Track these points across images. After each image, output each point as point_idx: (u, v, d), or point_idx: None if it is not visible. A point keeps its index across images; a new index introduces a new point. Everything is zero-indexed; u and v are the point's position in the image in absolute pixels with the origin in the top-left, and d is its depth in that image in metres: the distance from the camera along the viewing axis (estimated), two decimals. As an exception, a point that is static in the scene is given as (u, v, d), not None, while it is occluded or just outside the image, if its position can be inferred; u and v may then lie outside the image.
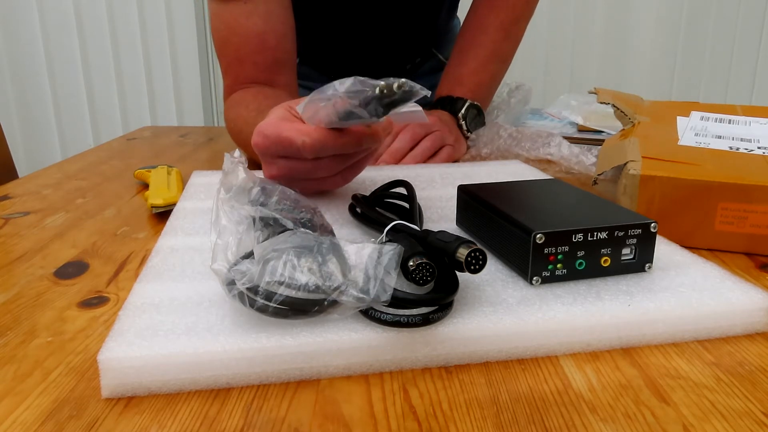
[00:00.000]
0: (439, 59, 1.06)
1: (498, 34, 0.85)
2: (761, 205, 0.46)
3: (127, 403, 0.30)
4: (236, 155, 0.41)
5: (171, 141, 0.94)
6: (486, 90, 0.86)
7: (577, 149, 0.74)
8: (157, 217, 0.57)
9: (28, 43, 1.99)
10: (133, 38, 1.98)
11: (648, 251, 0.39)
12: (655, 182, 0.48)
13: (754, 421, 0.28)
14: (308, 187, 0.52)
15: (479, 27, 0.85)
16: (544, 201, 0.43)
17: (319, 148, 0.47)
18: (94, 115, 2.06)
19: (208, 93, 2.06)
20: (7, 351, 0.34)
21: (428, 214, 0.51)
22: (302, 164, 0.50)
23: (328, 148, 0.47)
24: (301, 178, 0.51)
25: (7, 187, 0.69)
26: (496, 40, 0.85)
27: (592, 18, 1.90)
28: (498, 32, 0.85)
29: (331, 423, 0.28)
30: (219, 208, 0.37)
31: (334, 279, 0.31)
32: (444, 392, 0.30)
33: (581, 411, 0.29)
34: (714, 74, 1.92)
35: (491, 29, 0.85)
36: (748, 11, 1.86)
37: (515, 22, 0.86)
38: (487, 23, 0.85)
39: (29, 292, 0.42)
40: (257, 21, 0.73)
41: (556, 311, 0.34)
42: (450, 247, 0.34)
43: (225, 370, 0.30)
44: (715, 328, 0.35)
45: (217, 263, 0.33)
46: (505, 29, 0.85)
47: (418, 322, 0.31)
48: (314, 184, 0.53)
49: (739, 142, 0.55)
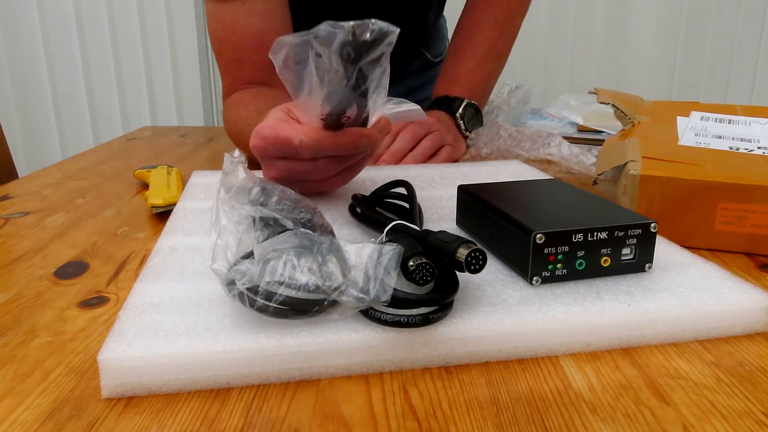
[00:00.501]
0: (426, 58, 1.06)
1: (493, 31, 0.85)
2: (761, 205, 0.46)
3: (127, 403, 0.30)
4: (236, 155, 0.41)
5: (171, 141, 0.94)
6: (483, 88, 0.86)
7: (577, 149, 0.74)
8: (157, 217, 0.57)
9: (28, 43, 1.99)
10: (133, 38, 1.98)
11: (648, 251, 0.39)
12: (655, 182, 0.48)
13: (754, 421, 0.28)
14: (308, 188, 0.52)
15: (474, 24, 0.85)
16: (544, 201, 0.43)
17: (316, 148, 0.47)
18: (94, 115, 2.06)
19: (208, 93, 2.06)
20: (7, 351, 0.34)
21: (428, 214, 0.51)
22: (301, 165, 0.50)
23: (324, 147, 0.47)
24: (301, 180, 0.51)
25: (7, 187, 0.69)
26: (491, 37, 0.85)
27: (592, 18, 1.90)
28: (493, 29, 0.85)
29: (331, 423, 0.28)
30: (219, 208, 0.37)
31: (334, 279, 0.31)
32: (444, 392, 0.30)
33: (581, 411, 0.29)
34: (714, 74, 1.92)
35: (486, 26, 0.85)
36: (748, 11, 1.86)
37: (510, 18, 0.86)
38: (482, 20, 0.85)
39: (29, 292, 0.42)
40: (255, 21, 0.73)
41: (556, 311, 0.34)
42: (450, 247, 0.34)
43: (225, 370, 0.30)
44: (715, 328, 0.35)
45: (217, 263, 0.33)
46: (500, 26, 0.85)
47: (418, 322, 0.31)
48: (313, 186, 0.53)
49: (739, 142, 0.55)
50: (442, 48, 1.10)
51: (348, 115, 0.46)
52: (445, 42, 1.11)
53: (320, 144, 0.47)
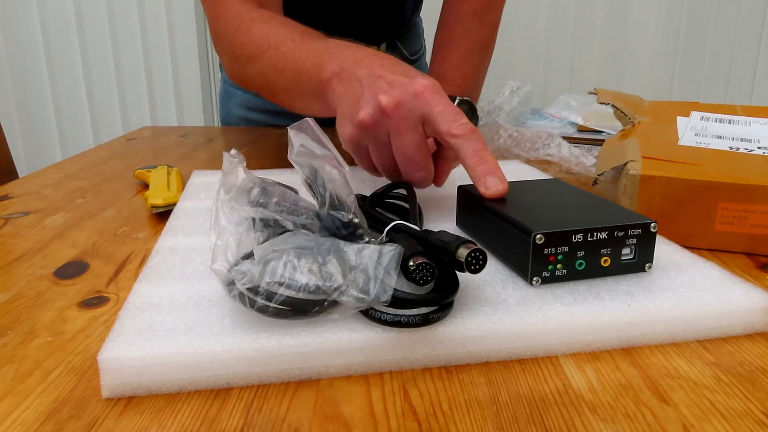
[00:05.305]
0: (403, 53, 1.05)
1: (473, 22, 0.84)
2: (761, 205, 0.46)
3: (127, 403, 0.30)
4: (234, 154, 0.41)
5: (171, 141, 0.94)
6: (473, 82, 0.85)
7: (577, 150, 0.74)
8: (157, 217, 0.57)
9: (28, 43, 1.99)
10: (133, 38, 1.98)
11: (648, 251, 0.39)
12: (655, 182, 0.48)
13: (754, 421, 0.28)
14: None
15: (454, 17, 0.85)
16: (544, 201, 0.43)
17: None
18: (94, 115, 2.06)
19: (208, 93, 2.06)
20: (7, 351, 0.34)
21: (428, 214, 0.51)
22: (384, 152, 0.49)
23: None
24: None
25: (7, 187, 0.69)
26: (472, 28, 0.84)
27: (592, 18, 1.90)
28: (473, 20, 0.84)
29: (331, 423, 0.28)
30: (219, 208, 0.37)
31: (334, 279, 0.31)
32: (444, 392, 0.30)
33: (581, 411, 0.29)
34: (714, 74, 1.92)
35: (466, 18, 0.84)
36: (748, 11, 1.86)
37: (489, 7, 0.85)
38: (461, 12, 0.84)
39: (29, 292, 0.42)
40: None
41: (556, 311, 0.34)
42: (450, 247, 0.34)
43: (225, 370, 0.30)
44: (715, 328, 0.35)
45: (217, 263, 0.33)
46: (479, 16, 0.84)
47: (418, 322, 0.32)
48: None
49: (739, 142, 0.55)
50: (418, 46, 1.10)
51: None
52: (421, 40, 1.11)
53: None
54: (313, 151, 0.39)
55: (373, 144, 0.49)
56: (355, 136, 0.50)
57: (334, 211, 0.37)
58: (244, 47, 0.65)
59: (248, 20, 0.65)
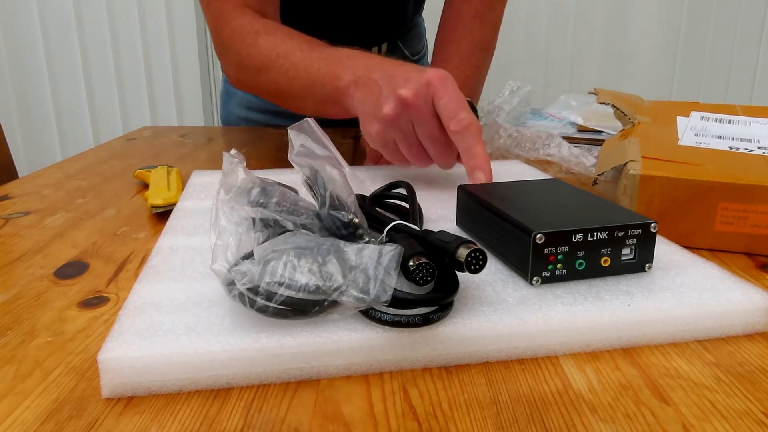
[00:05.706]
0: (404, 53, 1.05)
1: (474, 23, 0.84)
2: (761, 205, 0.46)
3: (127, 403, 0.30)
4: (234, 154, 0.41)
5: (171, 141, 0.94)
6: (473, 83, 0.85)
7: (577, 150, 0.74)
8: (157, 217, 0.57)
9: (28, 43, 1.99)
10: (133, 38, 1.98)
11: (648, 251, 0.39)
12: (655, 182, 0.48)
13: (754, 421, 0.28)
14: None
15: (455, 18, 0.85)
16: (544, 201, 0.43)
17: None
18: (94, 115, 2.06)
19: (208, 93, 2.06)
20: (7, 351, 0.34)
21: (428, 214, 0.51)
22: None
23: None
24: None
25: (7, 187, 0.69)
26: (473, 29, 0.84)
27: (592, 18, 1.90)
28: (474, 21, 0.84)
29: (331, 423, 0.28)
30: (218, 209, 0.37)
31: (334, 279, 0.31)
32: (444, 392, 0.30)
33: (581, 411, 0.29)
34: (714, 74, 1.92)
35: (467, 19, 0.84)
36: (748, 11, 1.86)
37: (490, 7, 0.86)
38: (462, 12, 0.85)
39: (29, 292, 0.42)
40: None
41: (556, 311, 0.34)
42: (450, 247, 0.34)
43: (225, 370, 0.30)
44: (715, 328, 0.35)
45: (217, 263, 0.33)
46: (480, 16, 0.85)
47: (418, 322, 0.32)
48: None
49: (739, 142, 0.55)
50: (420, 46, 1.10)
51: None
52: (423, 40, 1.11)
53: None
54: (313, 152, 0.39)
55: (400, 135, 0.53)
56: (381, 132, 0.53)
57: (334, 211, 0.37)
58: (252, 57, 0.66)
59: (253, 32, 0.66)
